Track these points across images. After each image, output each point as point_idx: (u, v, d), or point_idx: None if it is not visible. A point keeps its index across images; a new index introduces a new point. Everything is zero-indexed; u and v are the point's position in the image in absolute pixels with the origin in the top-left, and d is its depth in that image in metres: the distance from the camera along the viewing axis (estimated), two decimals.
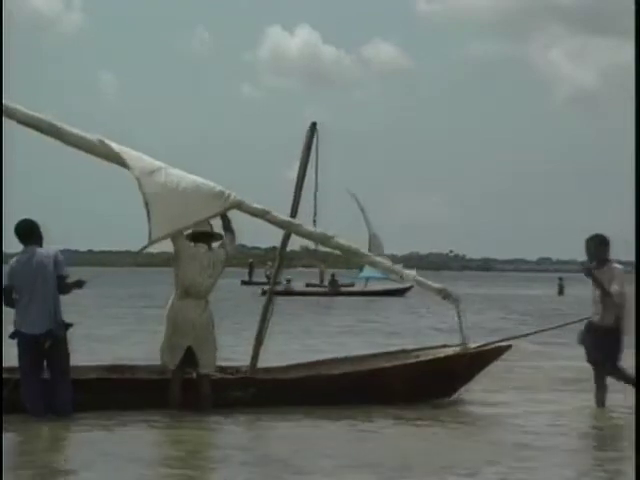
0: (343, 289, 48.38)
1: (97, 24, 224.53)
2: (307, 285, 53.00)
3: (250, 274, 62.26)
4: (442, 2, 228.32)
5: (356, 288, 48.68)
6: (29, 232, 9.70)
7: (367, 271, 42.73)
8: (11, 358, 9.60)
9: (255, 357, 10.81)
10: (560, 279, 55.21)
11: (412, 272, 11.29)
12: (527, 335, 12.30)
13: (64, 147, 9.78)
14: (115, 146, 9.92)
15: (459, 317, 10.54)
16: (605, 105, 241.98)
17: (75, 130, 9.92)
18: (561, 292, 53.15)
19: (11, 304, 9.57)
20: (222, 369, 10.66)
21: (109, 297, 35.47)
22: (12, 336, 9.54)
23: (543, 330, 12.53)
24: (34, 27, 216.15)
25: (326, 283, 55.03)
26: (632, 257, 9.59)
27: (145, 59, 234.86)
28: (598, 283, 10.29)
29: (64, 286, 9.59)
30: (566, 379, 13.26)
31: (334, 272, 50.39)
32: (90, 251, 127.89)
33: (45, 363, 9.51)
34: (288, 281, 52.19)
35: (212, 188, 10.05)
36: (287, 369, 11.09)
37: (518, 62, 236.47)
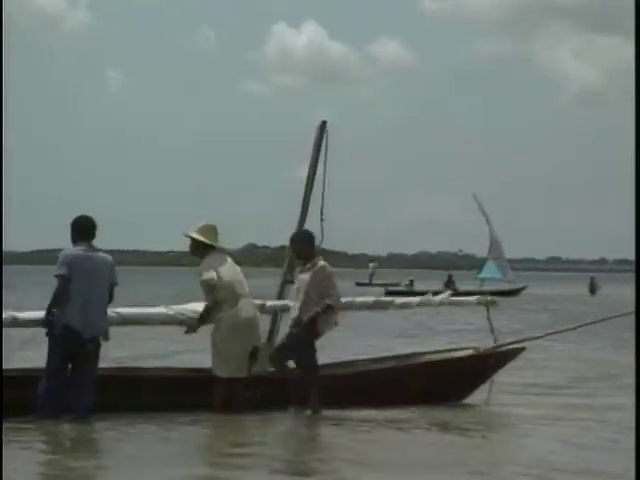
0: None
1: (103, 21, 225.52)
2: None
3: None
4: (448, 0, 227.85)
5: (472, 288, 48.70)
6: (92, 230, 9.71)
7: (485, 272, 43.15)
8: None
9: None
10: (592, 278, 55.30)
11: (443, 295, 11.83)
12: (542, 337, 12.53)
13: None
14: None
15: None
16: (612, 103, 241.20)
17: (143, 310, 10.50)
18: (593, 292, 53.29)
19: (65, 296, 9.40)
20: None
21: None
22: (53, 331, 9.41)
23: (557, 332, 12.73)
24: (40, 26, 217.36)
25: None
26: (632, 257, 9.82)
27: (151, 57, 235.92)
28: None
29: (112, 295, 9.78)
30: (579, 380, 13.65)
31: (451, 273, 50.62)
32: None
33: (71, 364, 9.50)
34: (411, 282, 52.56)
35: None
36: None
37: (524, 60, 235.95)
